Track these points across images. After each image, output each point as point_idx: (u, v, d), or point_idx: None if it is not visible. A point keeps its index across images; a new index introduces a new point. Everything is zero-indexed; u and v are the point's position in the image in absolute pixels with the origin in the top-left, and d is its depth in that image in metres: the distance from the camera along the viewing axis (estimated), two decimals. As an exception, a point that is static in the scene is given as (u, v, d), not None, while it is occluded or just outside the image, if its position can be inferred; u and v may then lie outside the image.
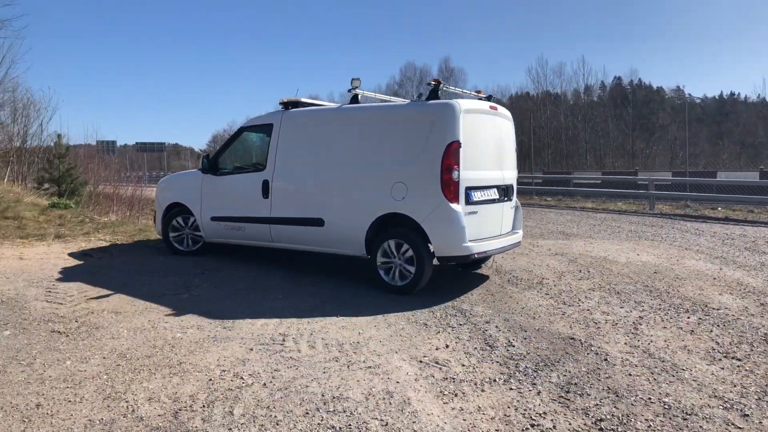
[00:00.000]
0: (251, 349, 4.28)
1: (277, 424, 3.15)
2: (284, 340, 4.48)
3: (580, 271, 7.12)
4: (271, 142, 7.17)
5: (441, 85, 6.34)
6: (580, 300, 5.84)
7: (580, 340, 4.63)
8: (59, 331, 4.59)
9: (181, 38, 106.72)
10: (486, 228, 6.47)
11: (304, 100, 7.43)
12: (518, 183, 7.34)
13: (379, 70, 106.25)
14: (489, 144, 6.59)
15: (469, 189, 6.11)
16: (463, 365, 4.11)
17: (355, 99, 6.95)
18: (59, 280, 6.33)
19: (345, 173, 6.59)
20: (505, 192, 6.83)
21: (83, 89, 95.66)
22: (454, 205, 5.91)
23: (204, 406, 3.36)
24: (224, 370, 3.87)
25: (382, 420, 3.23)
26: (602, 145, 57.84)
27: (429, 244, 6.05)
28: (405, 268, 6.14)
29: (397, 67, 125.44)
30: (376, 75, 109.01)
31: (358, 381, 3.76)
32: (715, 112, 73.13)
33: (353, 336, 4.64)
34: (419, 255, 6.03)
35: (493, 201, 6.59)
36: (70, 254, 7.81)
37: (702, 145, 56.40)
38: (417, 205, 6.05)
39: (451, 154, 5.91)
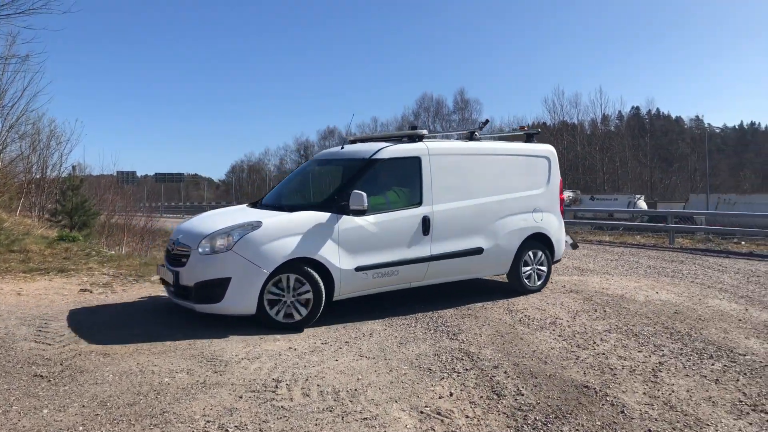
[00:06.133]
0: (241, 397, 4.03)
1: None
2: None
3: (596, 311, 6.77)
4: (423, 175, 6.79)
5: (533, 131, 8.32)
6: (595, 342, 5.50)
7: (595, 388, 4.31)
8: (41, 375, 4.37)
9: (201, 68, 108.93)
10: None
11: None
12: None
13: (394, 102, 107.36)
14: None
15: None
16: (468, 416, 3.82)
17: (471, 136, 7.78)
18: (52, 318, 6.13)
19: (496, 203, 7.44)
20: None
21: (106, 121, 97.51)
22: (562, 223, 8.23)
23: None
24: (209, 421, 3.62)
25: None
26: (620, 175, 57.18)
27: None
28: (539, 270, 7.83)
29: (412, 99, 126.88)
30: (391, 107, 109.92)
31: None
32: (736, 142, 72.14)
33: (351, 382, 4.36)
34: (549, 258, 7.93)
35: None
36: (75, 290, 7.62)
37: (722, 175, 55.51)
38: (550, 225, 7.92)
39: (562, 184, 8.17)
